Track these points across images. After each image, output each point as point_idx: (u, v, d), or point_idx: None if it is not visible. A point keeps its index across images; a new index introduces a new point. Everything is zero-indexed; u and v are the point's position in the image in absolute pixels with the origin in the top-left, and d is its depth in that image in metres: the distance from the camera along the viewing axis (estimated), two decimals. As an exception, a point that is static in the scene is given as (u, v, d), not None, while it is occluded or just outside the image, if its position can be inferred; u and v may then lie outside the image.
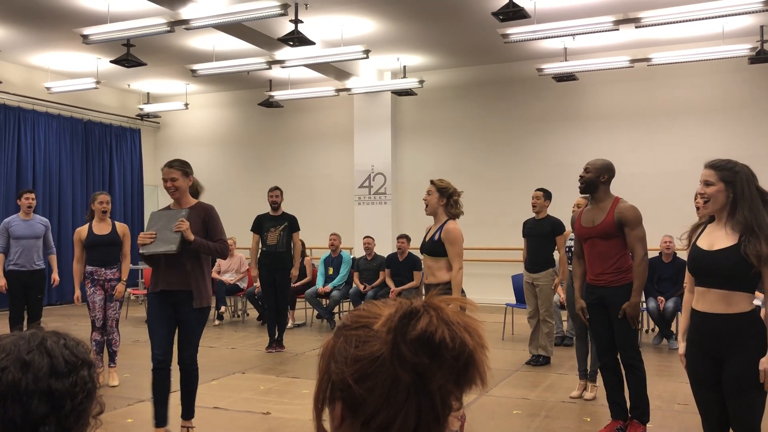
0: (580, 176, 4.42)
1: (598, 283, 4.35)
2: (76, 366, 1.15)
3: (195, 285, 4.20)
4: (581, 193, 4.61)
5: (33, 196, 6.84)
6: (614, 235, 4.27)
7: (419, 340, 0.85)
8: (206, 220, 4.29)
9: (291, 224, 7.72)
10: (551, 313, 6.87)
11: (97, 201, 6.06)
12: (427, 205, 4.66)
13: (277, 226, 7.65)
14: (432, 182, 4.69)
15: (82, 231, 6.04)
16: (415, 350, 0.85)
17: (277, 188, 7.84)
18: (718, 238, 2.93)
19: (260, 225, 7.76)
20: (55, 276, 6.83)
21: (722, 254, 2.88)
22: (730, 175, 2.91)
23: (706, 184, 2.95)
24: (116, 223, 6.12)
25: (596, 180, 4.35)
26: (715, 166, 2.95)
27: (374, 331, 0.90)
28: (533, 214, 6.93)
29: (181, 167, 4.30)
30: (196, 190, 4.45)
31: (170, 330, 4.25)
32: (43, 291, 6.84)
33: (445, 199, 4.61)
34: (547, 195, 6.89)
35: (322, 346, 0.98)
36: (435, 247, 4.55)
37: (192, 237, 4.14)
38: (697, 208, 3.80)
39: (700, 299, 2.97)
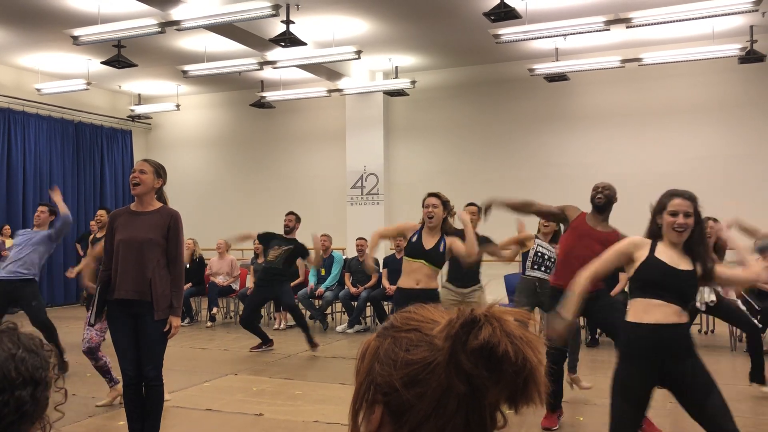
0: (599, 192, 4.43)
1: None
2: (14, 384, 1.00)
3: (155, 294, 3.82)
4: (600, 206, 4.46)
5: (43, 209, 6.65)
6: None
7: (480, 351, 0.81)
8: (171, 227, 3.90)
9: (297, 249, 7.59)
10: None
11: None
12: (432, 217, 4.62)
13: (281, 246, 7.55)
14: (438, 196, 4.66)
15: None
16: (475, 361, 0.82)
17: (292, 213, 7.79)
18: (680, 259, 3.03)
19: (267, 239, 7.71)
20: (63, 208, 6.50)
21: (688, 276, 3.00)
22: (697, 206, 3.03)
23: (687, 215, 2.99)
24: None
25: (611, 201, 4.43)
26: (692, 197, 3.03)
27: (427, 336, 0.86)
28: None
29: (156, 165, 3.98)
30: (163, 198, 4.06)
31: (136, 342, 3.89)
32: (33, 299, 6.45)
33: (446, 212, 4.66)
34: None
35: (361, 345, 0.93)
36: (441, 258, 4.57)
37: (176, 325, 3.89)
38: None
39: (653, 311, 2.99)
